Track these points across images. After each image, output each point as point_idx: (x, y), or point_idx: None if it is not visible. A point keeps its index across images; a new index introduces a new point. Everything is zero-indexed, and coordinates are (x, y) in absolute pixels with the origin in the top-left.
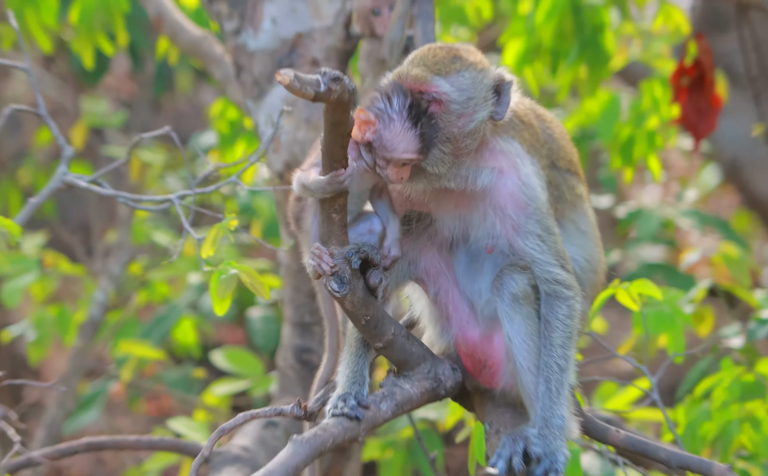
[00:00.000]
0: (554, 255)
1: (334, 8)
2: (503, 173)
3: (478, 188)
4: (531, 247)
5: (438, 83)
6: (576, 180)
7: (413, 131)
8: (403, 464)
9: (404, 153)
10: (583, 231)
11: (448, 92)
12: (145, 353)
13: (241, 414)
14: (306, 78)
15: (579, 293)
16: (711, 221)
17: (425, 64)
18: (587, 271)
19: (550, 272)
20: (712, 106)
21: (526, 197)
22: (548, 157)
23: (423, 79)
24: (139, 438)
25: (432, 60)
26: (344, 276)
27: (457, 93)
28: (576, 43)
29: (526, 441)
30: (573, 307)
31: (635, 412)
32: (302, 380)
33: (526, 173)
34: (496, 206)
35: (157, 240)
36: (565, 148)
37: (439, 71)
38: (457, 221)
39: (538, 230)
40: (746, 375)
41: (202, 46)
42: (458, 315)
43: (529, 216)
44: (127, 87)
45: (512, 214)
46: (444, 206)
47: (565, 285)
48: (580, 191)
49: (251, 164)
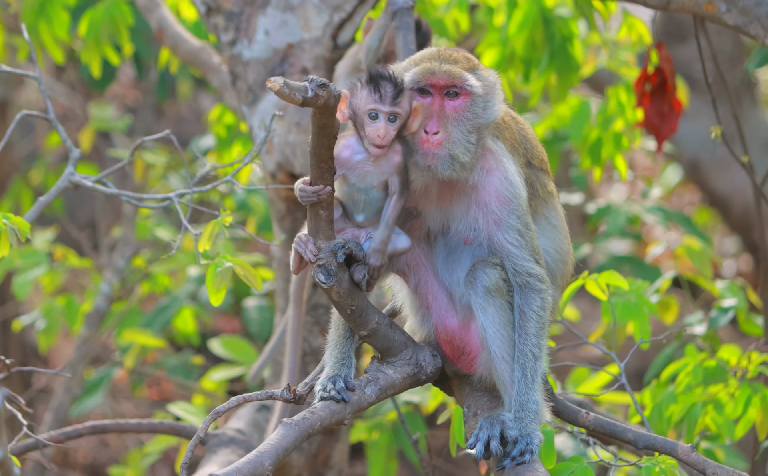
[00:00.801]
0: (530, 250)
1: (323, 21)
2: (489, 170)
3: (469, 182)
4: (510, 241)
5: (468, 77)
6: (547, 178)
7: (390, 85)
8: (389, 445)
9: (371, 103)
10: (554, 225)
11: (476, 85)
12: (147, 341)
13: (234, 398)
14: (295, 85)
15: (550, 287)
16: (674, 216)
17: (450, 62)
18: (558, 262)
19: (525, 266)
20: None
21: (510, 193)
22: (525, 156)
23: (456, 74)
24: (141, 422)
25: (453, 58)
26: (331, 268)
27: (482, 87)
28: (547, 52)
29: (503, 424)
30: (546, 299)
31: (605, 396)
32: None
33: (510, 171)
34: (481, 201)
35: (159, 236)
36: (538, 148)
37: (464, 66)
38: (441, 214)
39: (518, 225)
40: (709, 361)
41: (201, 56)
42: (437, 305)
43: (511, 212)
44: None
45: (496, 209)
46: (431, 199)
47: (539, 278)
48: (551, 188)
49: (246, 164)
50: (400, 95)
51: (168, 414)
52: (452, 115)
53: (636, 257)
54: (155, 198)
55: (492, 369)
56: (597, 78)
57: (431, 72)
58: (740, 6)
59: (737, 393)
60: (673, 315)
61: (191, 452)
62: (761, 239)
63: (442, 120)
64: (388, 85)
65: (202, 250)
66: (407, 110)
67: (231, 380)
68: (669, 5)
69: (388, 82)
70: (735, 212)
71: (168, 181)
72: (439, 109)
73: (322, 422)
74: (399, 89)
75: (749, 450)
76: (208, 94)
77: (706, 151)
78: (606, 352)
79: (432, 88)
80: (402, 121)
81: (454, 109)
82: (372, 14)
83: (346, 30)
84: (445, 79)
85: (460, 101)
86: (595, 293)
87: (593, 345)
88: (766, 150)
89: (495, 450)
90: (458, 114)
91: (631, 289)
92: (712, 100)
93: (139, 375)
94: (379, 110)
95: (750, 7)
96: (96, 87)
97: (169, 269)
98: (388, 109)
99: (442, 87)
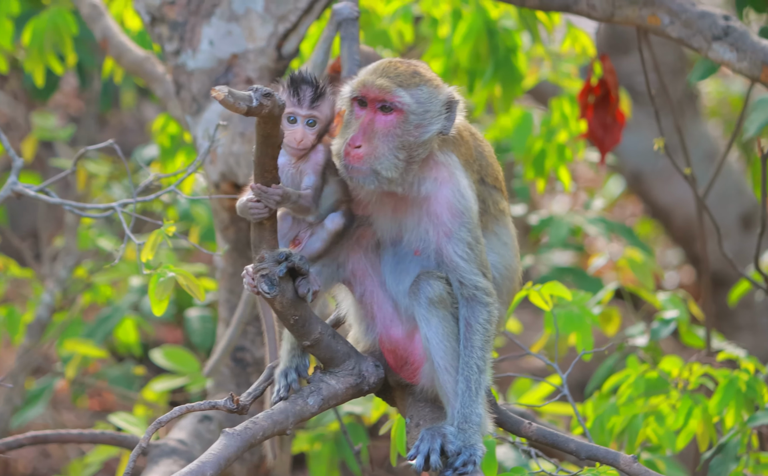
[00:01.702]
0: (478, 264)
1: (267, 31)
2: (442, 183)
3: (420, 195)
4: (459, 253)
5: (400, 94)
6: (500, 196)
7: (310, 89)
8: (331, 456)
9: (290, 107)
10: (504, 242)
11: (409, 103)
12: (89, 351)
13: (176, 408)
14: (239, 94)
15: (497, 301)
16: (616, 227)
17: (388, 76)
18: (505, 278)
19: (473, 280)
20: (617, 122)
21: (461, 206)
22: (478, 172)
23: (387, 89)
24: (82, 432)
25: (394, 72)
26: (274, 279)
27: (417, 105)
28: (491, 64)
29: (443, 438)
30: (492, 313)
31: (547, 407)
32: (236, 376)
33: (463, 185)
34: (432, 213)
35: (101, 246)
36: (493, 165)
37: (401, 83)
38: (393, 224)
39: (468, 238)
40: (650, 372)
41: (145, 66)
42: (382, 314)
43: (462, 224)
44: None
45: (447, 221)
46: (383, 210)
47: (486, 292)
48: (503, 207)
49: (189, 174)
50: (320, 99)
51: (109, 425)
52: (381, 131)
53: (578, 268)
54: (98, 208)
55: (435, 380)
56: (541, 90)
57: (364, 84)
58: (683, 19)
59: (678, 404)
60: (615, 327)
61: (133, 462)
62: (703, 251)
63: (369, 134)
64: (307, 89)
65: (145, 260)
66: (327, 115)
67: (173, 390)
68: (613, 17)
69: (308, 86)
70: (677, 223)
71: (111, 191)
72: (368, 122)
73: (264, 432)
74: (318, 93)
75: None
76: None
77: (649, 162)
78: (548, 363)
79: (366, 99)
80: (322, 125)
81: (384, 124)
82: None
83: (291, 40)
84: (376, 94)
85: (391, 117)
86: (538, 303)
87: (536, 356)
88: (708, 162)
89: (434, 463)
90: (387, 130)
91: (574, 300)
92: (655, 112)
93: (80, 386)
94: (297, 114)
95: (693, 19)
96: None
97: (111, 279)
98: (305, 113)
99: (374, 100)
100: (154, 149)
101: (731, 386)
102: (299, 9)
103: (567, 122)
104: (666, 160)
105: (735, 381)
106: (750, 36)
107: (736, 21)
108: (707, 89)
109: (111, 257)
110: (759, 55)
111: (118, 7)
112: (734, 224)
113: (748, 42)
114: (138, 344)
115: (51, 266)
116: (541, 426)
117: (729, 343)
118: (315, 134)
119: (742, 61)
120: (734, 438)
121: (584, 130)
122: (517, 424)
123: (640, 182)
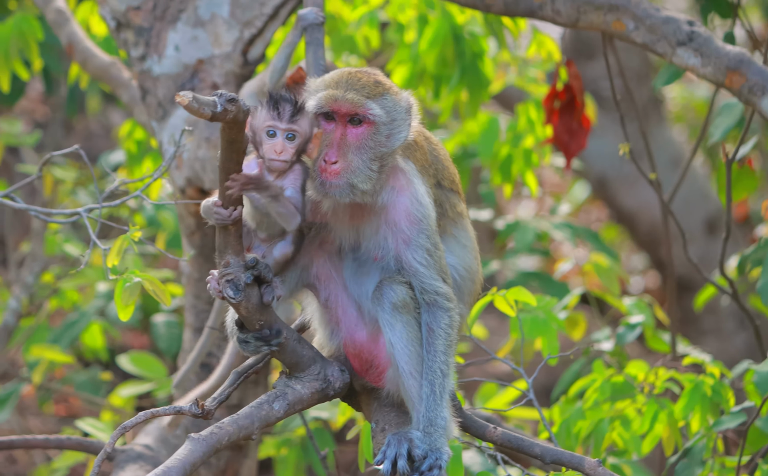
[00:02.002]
0: (438, 270)
1: (233, 36)
2: (399, 190)
3: (378, 203)
4: (419, 260)
5: (371, 106)
6: (457, 198)
7: (289, 104)
8: (297, 461)
9: (269, 121)
10: (464, 245)
11: (379, 114)
12: (56, 357)
13: (141, 413)
14: (204, 99)
15: (457, 306)
16: (582, 232)
17: (355, 89)
18: (466, 280)
19: (433, 285)
20: (582, 127)
21: (419, 213)
22: (434, 176)
23: (359, 103)
24: (48, 438)
25: (359, 84)
26: (239, 283)
27: (385, 115)
28: (457, 69)
29: (410, 443)
30: (453, 317)
31: (513, 411)
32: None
33: (420, 192)
34: (390, 220)
35: (67, 251)
36: (449, 168)
37: (369, 95)
38: (351, 231)
39: (427, 244)
40: (616, 377)
41: (111, 72)
42: (347, 318)
43: (421, 231)
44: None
45: (405, 228)
46: (341, 218)
47: (446, 297)
48: (461, 209)
49: (155, 179)
50: (299, 114)
51: (76, 430)
52: (354, 144)
53: (544, 273)
54: (64, 213)
55: (400, 385)
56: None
57: (334, 99)
58: (648, 24)
59: (644, 408)
60: (581, 331)
61: (98, 468)
62: (668, 256)
63: (343, 148)
64: (287, 104)
65: (111, 265)
66: (306, 130)
67: (139, 396)
68: (578, 23)
69: (287, 102)
70: (642, 228)
71: (77, 196)
72: (341, 137)
73: (230, 437)
74: (298, 109)
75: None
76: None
77: (614, 168)
78: (514, 368)
79: (335, 114)
80: (301, 140)
81: (356, 137)
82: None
83: (257, 46)
84: (348, 108)
85: (362, 129)
86: (503, 309)
87: (502, 361)
88: (673, 167)
89: (402, 469)
90: (360, 142)
91: (540, 305)
92: (620, 117)
93: (47, 391)
94: (276, 127)
95: (657, 25)
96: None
97: (77, 284)
98: (285, 127)
99: (344, 114)
100: (120, 155)
101: (697, 390)
102: (265, 14)
103: (533, 127)
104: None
105: (700, 385)
106: (714, 41)
107: (700, 26)
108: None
109: (77, 263)
110: (723, 61)
111: (84, 13)
112: (699, 229)
113: (712, 47)
114: (104, 349)
115: (17, 272)
116: (507, 431)
117: (694, 348)
118: (294, 148)
119: (707, 67)
120: (700, 442)
121: (550, 135)
122: (482, 429)
123: (606, 187)
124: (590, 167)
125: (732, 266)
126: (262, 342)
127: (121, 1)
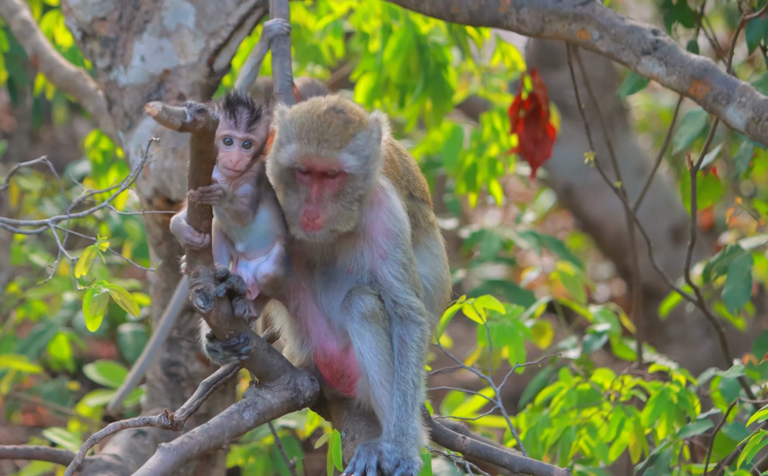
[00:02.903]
0: (412, 284)
1: (199, 47)
2: (377, 205)
3: None
4: (394, 274)
5: (345, 158)
6: (428, 208)
7: (247, 110)
8: (265, 470)
9: (226, 129)
10: (435, 254)
11: (354, 165)
12: (23, 367)
13: (111, 424)
14: (173, 110)
15: (429, 319)
16: (547, 241)
17: (327, 141)
18: (437, 289)
19: (407, 299)
20: (547, 136)
21: (396, 228)
22: (407, 188)
23: (332, 160)
24: (16, 448)
25: (330, 133)
26: (209, 293)
27: (360, 159)
28: (421, 79)
29: (380, 455)
30: (425, 331)
31: (481, 419)
32: (170, 391)
33: (397, 206)
34: (368, 236)
35: (34, 261)
36: (419, 179)
37: (341, 145)
38: (327, 247)
39: (403, 258)
40: (583, 385)
41: (77, 82)
42: (317, 328)
43: (397, 246)
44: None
45: (382, 243)
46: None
47: (419, 312)
48: (432, 219)
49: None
50: (257, 122)
51: (44, 440)
52: (332, 194)
53: (511, 281)
54: (31, 224)
55: (370, 394)
56: (471, 104)
57: (308, 157)
58: (612, 33)
59: (611, 416)
60: (547, 340)
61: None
62: (634, 264)
63: (322, 201)
64: (244, 110)
65: (79, 276)
66: (263, 137)
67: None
68: (542, 32)
69: (245, 108)
70: (608, 237)
71: (43, 207)
72: (318, 191)
73: (200, 446)
74: (255, 116)
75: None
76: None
77: (579, 176)
78: (482, 376)
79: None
80: (257, 147)
81: (333, 187)
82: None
83: (223, 56)
84: (322, 166)
85: (339, 180)
86: (471, 317)
87: (469, 369)
88: (638, 175)
89: None
90: (338, 191)
91: (507, 314)
92: (585, 126)
93: (14, 401)
94: (233, 136)
95: (622, 34)
96: None
97: (44, 295)
98: (242, 136)
99: (319, 171)
100: (86, 165)
101: (663, 398)
102: (231, 25)
103: (498, 137)
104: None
105: (666, 392)
106: (678, 50)
107: (664, 35)
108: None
109: (44, 273)
110: (687, 70)
111: (49, 24)
112: (665, 237)
113: (676, 56)
114: (71, 359)
115: None
116: (476, 440)
117: (660, 355)
118: (250, 156)
119: (671, 75)
120: (666, 449)
121: (515, 144)
122: (451, 438)
123: (571, 196)
124: (556, 176)
125: (697, 273)
126: (230, 352)
127: (87, 12)
